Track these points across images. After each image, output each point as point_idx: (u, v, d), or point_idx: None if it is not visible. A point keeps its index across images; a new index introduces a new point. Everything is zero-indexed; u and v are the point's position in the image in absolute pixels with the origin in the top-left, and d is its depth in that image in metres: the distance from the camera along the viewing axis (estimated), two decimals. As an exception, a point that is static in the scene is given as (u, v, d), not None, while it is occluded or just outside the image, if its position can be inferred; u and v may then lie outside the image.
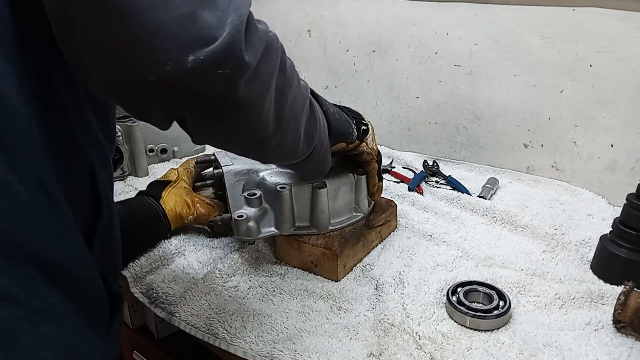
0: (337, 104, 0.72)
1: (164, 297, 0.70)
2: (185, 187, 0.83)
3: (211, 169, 0.86)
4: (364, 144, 0.73)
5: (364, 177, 0.77)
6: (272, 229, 0.74)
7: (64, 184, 0.44)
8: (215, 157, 0.81)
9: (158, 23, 0.37)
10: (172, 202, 0.79)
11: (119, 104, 0.44)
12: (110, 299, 0.50)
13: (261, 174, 0.75)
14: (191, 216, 0.80)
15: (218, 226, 0.82)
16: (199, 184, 0.86)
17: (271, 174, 0.75)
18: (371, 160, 0.76)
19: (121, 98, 0.43)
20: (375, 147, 0.76)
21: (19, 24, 0.41)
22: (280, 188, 0.71)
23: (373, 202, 0.82)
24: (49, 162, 0.42)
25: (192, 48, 0.38)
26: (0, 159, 0.38)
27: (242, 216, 0.71)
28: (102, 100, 0.51)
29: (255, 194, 0.73)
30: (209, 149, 1.25)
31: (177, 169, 0.87)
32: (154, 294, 0.71)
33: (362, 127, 0.72)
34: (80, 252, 0.46)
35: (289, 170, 0.75)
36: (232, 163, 0.76)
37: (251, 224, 0.71)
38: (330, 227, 0.75)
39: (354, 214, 0.79)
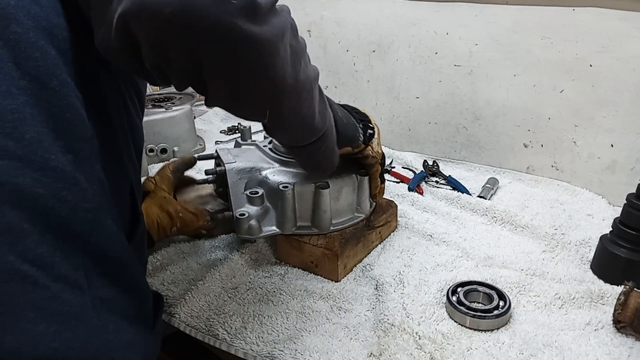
0: (345, 103, 0.72)
1: (164, 299, 0.70)
2: (164, 197, 0.78)
3: (213, 165, 0.84)
4: (369, 147, 0.72)
5: (366, 178, 0.77)
6: (274, 228, 0.74)
7: (114, 192, 0.48)
8: (218, 154, 0.80)
9: None
10: (153, 214, 0.75)
11: (140, 61, 0.44)
12: (154, 295, 0.53)
13: (264, 173, 0.75)
14: (174, 227, 0.76)
15: (216, 225, 0.82)
16: (200, 179, 0.84)
17: (274, 173, 0.75)
18: (375, 163, 0.76)
19: (142, 45, 0.42)
20: (379, 151, 0.75)
21: (81, 43, 0.44)
22: (283, 187, 0.71)
23: (374, 203, 0.82)
24: (102, 170, 0.46)
25: None
26: (70, 160, 0.41)
27: (243, 214, 0.71)
28: (139, 128, 0.56)
29: (257, 193, 0.73)
30: (209, 150, 1.25)
31: (153, 177, 0.81)
32: (154, 295, 0.71)
33: (369, 130, 0.72)
34: (129, 251, 0.49)
35: (292, 170, 0.75)
36: (234, 161, 0.76)
37: (253, 222, 0.71)
38: (332, 228, 0.75)
39: (356, 214, 0.79)
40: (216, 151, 0.82)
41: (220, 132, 1.40)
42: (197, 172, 0.95)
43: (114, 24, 0.40)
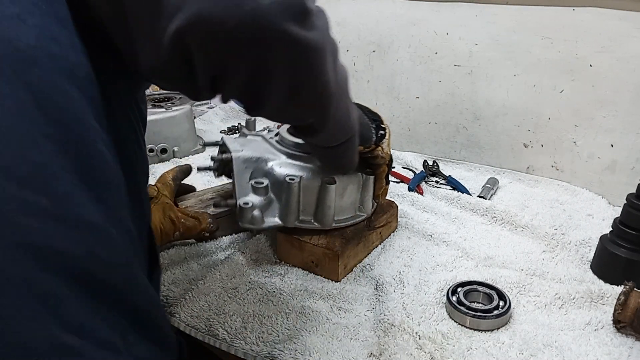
0: (357, 102, 0.72)
1: (164, 300, 0.70)
2: (167, 203, 0.79)
3: (216, 152, 0.84)
4: (380, 148, 0.72)
5: (371, 178, 0.77)
6: (276, 219, 0.73)
7: (139, 237, 0.46)
8: (224, 142, 0.79)
9: None
10: (156, 219, 0.75)
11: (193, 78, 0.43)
12: (177, 343, 0.50)
13: (270, 164, 0.74)
14: (177, 232, 0.77)
15: (218, 227, 0.82)
16: (202, 166, 0.83)
17: (280, 165, 0.74)
18: (383, 164, 0.76)
19: (198, 60, 0.41)
20: (389, 152, 0.75)
21: (99, 78, 0.42)
22: (290, 179, 0.71)
23: (376, 204, 0.82)
24: (129, 216, 0.44)
25: None
26: (101, 210, 0.39)
27: (247, 203, 0.69)
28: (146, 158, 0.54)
29: (262, 183, 0.72)
30: (210, 149, 1.25)
31: (155, 184, 0.83)
32: (155, 295, 0.71)
33: (380, 131, 0.72)
34: (157, 301, 0.46)
35: (298, 163, 0.74)
36: (241, 149, 0.74)
37: (256, 212, 0.70)
38: (334, 225, 0.75)
39: (358, 213, 0.79)
40: (222, 139, 0.81)
41: (220, 132, 1.40)
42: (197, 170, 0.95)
43: (166, 41, 0.39)
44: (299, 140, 0.75)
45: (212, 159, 0.81)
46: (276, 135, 0.81)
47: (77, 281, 0.36)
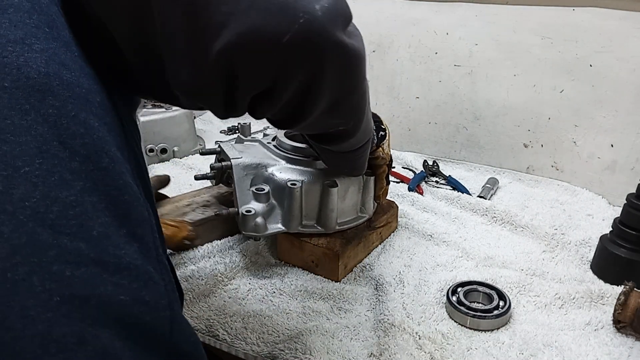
0: None
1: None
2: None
3: (214, 160, 0.83)
4: (380, 149, 0.72)
5: (372, 178, 0.77)
6: (279, 225, 0.73)
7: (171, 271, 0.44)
8: (222, 149, 0.77)
9: None
10: None
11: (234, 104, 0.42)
12: None
13: (270, 169, 0.74)
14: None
15: (197, 235, 0.80)
16: (199, 175, 0.81)
17: (280, 170, 0.74)
18: (383, 164, 0.76)
19: (244, 78, 0.40)
20: (389, 153, 0.76)
21: (112, 103, 0.40)
22: (291, 184, 0.70)
23: (376, 204, 0.82)
24: (163, 251, 0.42)
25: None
26: (136, 250, 0.36)
27: (250, 211, 0.69)
28: None
29: (263, 189, 0.71)
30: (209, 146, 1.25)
31: None
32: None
33: (381, 132, 0.72)
34: (196, 337, 0.44)
35: (298, 167, 0.74)
36: (240, 156, 0.73)
37: (259, 219, 0.70)
38: (337, 228, 0.75)
39: (360, 214, 0.78)
40: (219, 146, 0.79)
41: (220, 132, 1.40)
42: (200, 168, 0.95)
43: (209, 61, 0.37)
44: (299, 145, 0.75)
45: (212, 167, 0.78)
46: (274, 139, 0.80)
47: (128, 330, 0.33)
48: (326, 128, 0.53)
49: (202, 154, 0.84)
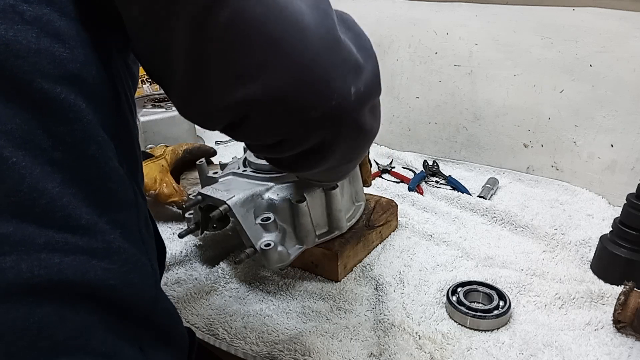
0: None
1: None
2: (162, 165, 0.85)
3: (192, 213, 0.75)
4: None
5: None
6: (297, 246, 0.69)
7: (151, 243, 0.45)
8: (206, 196, 0.69)
9: (318, 50, 0.35)
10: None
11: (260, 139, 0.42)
12: (189, 336, 0.49)
13: (266, 196, 0.70)
14: (152, 191, 0.83)
15: (186, 208, 0.77)
16: (183, 232, 0.73)
17: (276, 192, 0.70)
18: None
19: (257, 131, 0.40)
20: None
21: (109, 75, 0.38)
22: (298, 202, 0.67)
23: (365, 187, 0.83)
24: (146, 231, 0.42)
25: (351, 78, 0.37)
26: (120, 234, 0.37)
27: (269, 245, 0.65)
28: None
29: (269, 218, 0.67)
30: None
31: (166, 146, 0.91)
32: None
33: None
34: (173, 308, 0.45)
35: (288, 183, 0.70)
36: (232, 195, 0.67)
37: (280, 248, 0.66)
38: (348, 225, 0.75)
39: (356, 204, 0.79)
40: (199, 193, 0.71)
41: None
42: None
43: (227, 104, 0.36)
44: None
45: (212, 218, 0.67)
46: (245, 165, 0.75)
47: (112, 312, 0.35)
48: (314, 179, 0.53)
49: (185, 208, 0.76)
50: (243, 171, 0.74)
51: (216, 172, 0.77)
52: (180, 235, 0.73)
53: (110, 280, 0.35)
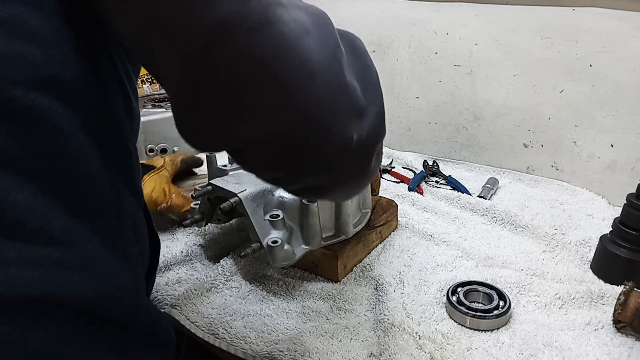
0: None
1: (167, 299, 0.70)
2: (166, 176, 0.85)
3: (207, 200, 0.75)
4: None
5: None
6: (303, 246, 0.69)
7: (144, 251, 0.44)
8: (216, 186, 0.70)
9: (322, 96, 0.33)
10: (150, 187, 0.80)
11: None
12: (177, 339, 0.47)
13: (276, 193, 0.70)
14: (165, 204, 0.82)
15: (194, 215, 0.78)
16: (187, 222, 0.75)
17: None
18: None
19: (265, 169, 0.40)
20: None
21: (95, 72, 0.36)
22: (308, 201, 0.67)
23: (372, 195, 0.81)
24: (133, 232, 0.41)
25: (354, 125, 0.35)
26: (100, 242, 0.35)
27: (276, 242, 0.65)
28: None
29: (278, 215, 0.67)
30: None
31: (164, 157, 0.90)
32: (158, 296, 0.71)
33: None
34: (158, 314, 0.44)
35: None
36: (244, 188, 0.67)
37: (286, 247, 0.66)
38: (354, 230, 0.74)
39: (363, 211, 0.78)
40: (209, 183, 0.72)
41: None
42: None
43: (221, 140, 0.35)
44: None
45: (223, 209, 0.68)
46: None
47: (86, 321, 0.34)
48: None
49: (195, 197, 0.77)
50: None
51: (225, 165, 0.78)
52: (185, 225, 0.74)
53: (85, 292, 0.33)
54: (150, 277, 0.48)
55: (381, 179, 0.82)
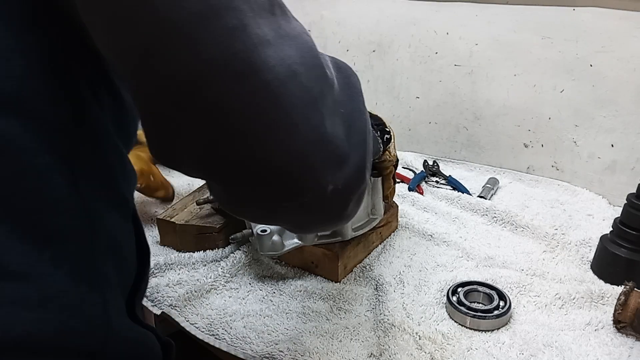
0: None
1: (168, 300, 0.70)
2: (146, 156, 0.83)
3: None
4: (387, 152, 0.71)
5: (379, 179, 0.76)
6: (295, 241, 0.71)
7: (121, 265, 0.41)
8: None
9: (294, 144, 0.31)
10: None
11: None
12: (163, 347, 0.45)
13: None
14: (140, 185, 0.82)
15: (173, 197, 0.83)
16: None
17: None
18: (390, 166, 0.74)
19: (228, 199, 0.38)
20: (395, 154, 0.74)
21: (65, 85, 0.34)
22: None
23: (385, 203, 0.80)
24: (107, 249, 0.38)
25: (331, 175, 0.33)
26: (66, 272, 0.33)
27: (265, 231, 0.67)
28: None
29: None
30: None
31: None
32: (159, 297, 0.71)
33: (386, 135, 0.70)
34: (142, 335, 0.41)
35: None
36: None
37: (275, 237, 0.68)
38: (353, 234, 0.74)
39: (371, 217, 0.77)
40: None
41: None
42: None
43: (188, 168, 0.34)
44: None
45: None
46: None
47: (48, 357, 0.31)
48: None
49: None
50: None
51: None
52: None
53: (44, 329, 0.31)
54: (137, 289, 0.45)
55: (395, 187, 0.80)
